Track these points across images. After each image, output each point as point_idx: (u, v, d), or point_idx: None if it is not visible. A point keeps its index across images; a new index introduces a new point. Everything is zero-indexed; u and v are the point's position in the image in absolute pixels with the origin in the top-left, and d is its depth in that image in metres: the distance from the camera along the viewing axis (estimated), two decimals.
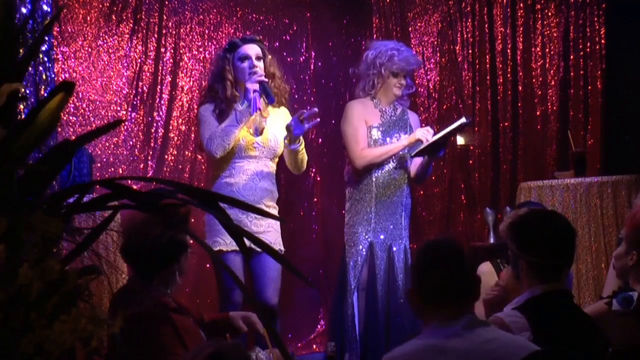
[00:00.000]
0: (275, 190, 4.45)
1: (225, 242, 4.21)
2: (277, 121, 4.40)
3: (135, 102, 5.69)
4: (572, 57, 6.15)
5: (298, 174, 4.63)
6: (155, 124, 5.75)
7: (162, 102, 5.77)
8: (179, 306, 2.98)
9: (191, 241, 2.97)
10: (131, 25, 5.65)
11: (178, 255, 2.91)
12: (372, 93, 4.73)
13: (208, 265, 5.43)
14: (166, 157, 5.79)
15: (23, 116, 2.18)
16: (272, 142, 4.37)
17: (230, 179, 4.30)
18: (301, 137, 4.33)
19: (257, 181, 4.31)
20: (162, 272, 2.90)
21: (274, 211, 4.41)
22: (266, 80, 4.29)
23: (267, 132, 4.37)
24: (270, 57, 4.47)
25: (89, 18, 5.48)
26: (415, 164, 4.74)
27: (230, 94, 4.32)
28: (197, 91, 5.87)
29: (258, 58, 4.36)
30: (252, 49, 4.37)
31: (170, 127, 5.79)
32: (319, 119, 4.33)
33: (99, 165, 5.37)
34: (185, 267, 2.98)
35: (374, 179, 4.65)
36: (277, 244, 4.35)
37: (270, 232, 4.33)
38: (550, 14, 6.20)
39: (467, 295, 2.42)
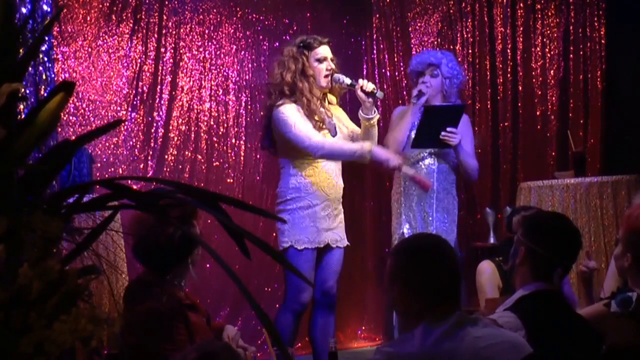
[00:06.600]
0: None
1: (310, 240, 4.32)
2: (340, 119, 4.51)
3: (135, 102, 5.69)
4: (572, 57, 6.15)
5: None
6: (155, 124, 5.75)
7: (162, 102, 5.78)
8: (191, 303, 3.00)
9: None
10: (131, 25, 5.65)
11: (192, 249, 2.96)
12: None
13: (208, 265, 5.42)
14: (166, 157, 5.79)
15: (23, 116, 2.18)
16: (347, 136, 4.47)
17: (314, 177, 4.36)
18: (375, 109, 4.41)
19: (337, 178, 4.43)
20: (177, 267, 2.95)
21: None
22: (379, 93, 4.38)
23: (342, 129, 4.46)
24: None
25: (89, 18, 5.48)
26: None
27: (317, 91, 4.37)
28: (197, 91, 5.88)
29: (331, 59, 4.46)
30: (327, 51, 4.47)
31: (170, 127, 5.79)
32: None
33: (99, 165, 5.37)
34: (197, 258, 3.03)
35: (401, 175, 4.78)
36: (344, 238, 4.49)
37: (341, 227, 4.48)
38: (550, 14, 6.20)
39: (459, 291, 2.38)
